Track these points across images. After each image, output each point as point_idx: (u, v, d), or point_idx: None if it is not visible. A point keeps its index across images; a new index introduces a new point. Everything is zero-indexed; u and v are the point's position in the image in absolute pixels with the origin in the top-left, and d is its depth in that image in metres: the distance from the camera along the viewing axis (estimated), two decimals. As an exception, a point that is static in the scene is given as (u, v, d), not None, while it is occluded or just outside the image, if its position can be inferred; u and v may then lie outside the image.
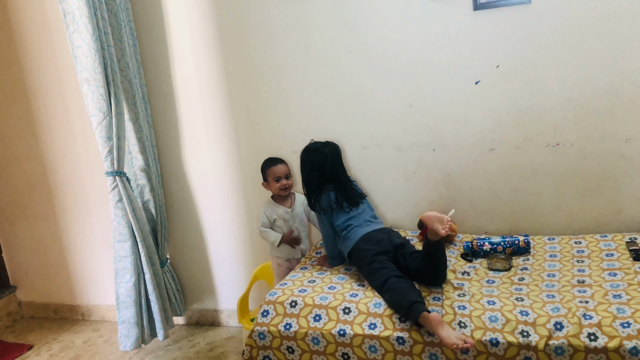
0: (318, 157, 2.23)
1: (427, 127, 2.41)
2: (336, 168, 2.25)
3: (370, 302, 1.84)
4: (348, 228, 2.14)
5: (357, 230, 2.11)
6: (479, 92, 2.31)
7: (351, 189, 2.24)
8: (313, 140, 2.32)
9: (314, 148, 2.27)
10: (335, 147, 2.30)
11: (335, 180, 2.22)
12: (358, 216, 2.16)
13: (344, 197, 2.19)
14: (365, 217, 2.17)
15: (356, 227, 2.12)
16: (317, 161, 2.22)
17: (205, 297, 2.99)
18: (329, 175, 2.22)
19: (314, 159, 2.23)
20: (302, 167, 2.27)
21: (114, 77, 2.37)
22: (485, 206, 2.43)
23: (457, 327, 1.67)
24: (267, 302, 1.92)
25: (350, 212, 2.17)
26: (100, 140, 2.39)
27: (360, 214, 2.17)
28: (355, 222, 2.14)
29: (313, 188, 2.23)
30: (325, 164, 2.21)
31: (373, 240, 2.05)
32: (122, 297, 2.53)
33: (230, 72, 2.61)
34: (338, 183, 2.22)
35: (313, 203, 2.23)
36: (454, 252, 2.25)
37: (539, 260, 2.10)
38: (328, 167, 2.22)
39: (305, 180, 2.26)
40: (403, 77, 2.39)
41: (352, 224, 2.14)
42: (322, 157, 2.22)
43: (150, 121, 2.71)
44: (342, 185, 2.22)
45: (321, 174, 2.22)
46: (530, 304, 1.71)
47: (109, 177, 2.45)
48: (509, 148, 2.34)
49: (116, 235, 2.50)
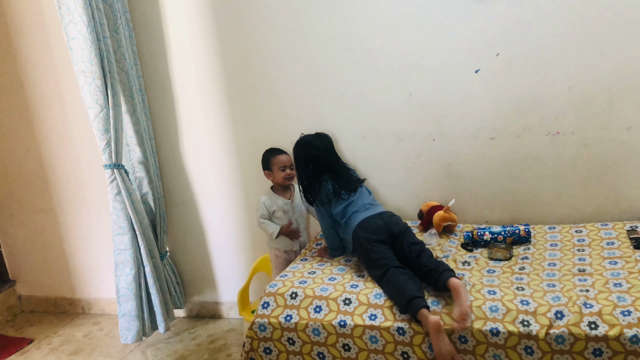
0: (311, 149, 2.24)
1: (427, 116, 2.41)
2: (330, 157, 2.26)
3: (370, 293, 1.85)
4: (347, 214, 2.14)
5: (356, 215, 2.11)
6: (479, 80, 2.31)
7: (347, 176, 2.24)
8: (303, 134, 2.33)
9: (305, 142, 2.28)
10: (326, 137, 2.32)
11: (331, 169, 2.23)
12: (356, 201, 2.16)
13: (341, 185, 2.19)
14: (364, 201, 2.17)
15: (355, 213, 2.12)
16: (311, 154, 2.23)
17: (205, 290, 3.00)
18: (324, 166, 2.23)
19: (308, 152, 2.24)
20: (297, 163, 2.29)
21: (110, 68, 2.37)
22: (485, 196, 2.43)
23: None
24: (268, 294, 1.93)
25: (349, 199, 2.17)
26: (98, 132, 2.39)
27: (358, 199, 2.17)
28: (354, 208, 2.14)
29: (310, 181, 2.23)
30: (319, 156, 2.23)
31: (370, 228, 2.04)
32: (122, 290, 2.54)
33: (228, 62, 2.60)
34: (333, 172, 2.23)
35: (311, 197, 2.24)
36: (454, 242, 2.26)
37: (540, 249, 2.10)
38: (322, 157, 2.23)
39: (301, 174, 2.27)
40: (402, 66, 2.38)
41: (351, 210, 2.14)
42: (315, 149, 2.23)
43: (147, 113, 2.71)
44: (337, 174, 2.23)
45: (316, 166, 2.23)
46: (530, 294, 1.72)
47: (107, 169, 2.45)
48: (509, 137, 2.33)
49: (115, 228, 2.51)
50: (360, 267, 2.10)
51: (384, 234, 2.01)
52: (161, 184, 2.80)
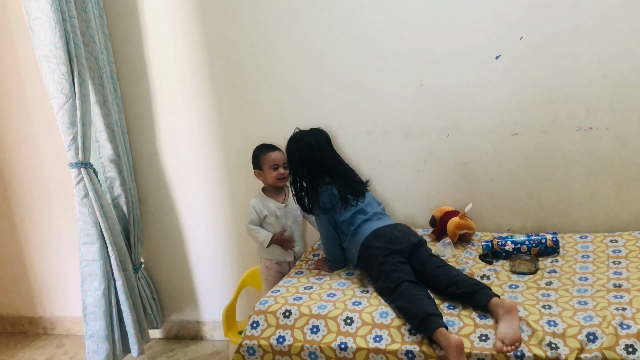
0: (303, 149, 2.23)
1: (440, 109, 2.41)
2: (327, 157, 2.25)
3: (375, 312, 1.84)
4: (356, 222, 2.14)
5: (367, 224, 2.12)
6: (500, 68, 2.31)
7: (352, 178, 2.24)
8: (298, 129, 2.33)
9: (298, 138, 2.28)
10: (322, 133, 2.31)
11: (330, 171, 2.22)
12: (366, 208, 2.17)
13: (347, 190, 2.19)
14: (374, 210, 2.18)
15: (367, 221, 2.13)
16: (304, 153, 2.23)
17: (185, 307, 2.99)
18: (321, 168, 2.22)
19: (300, 151, 2.24)
20: (290, 163, 2.29)
21: (77, 53, 2.36)
22: (507, 200, 2.44)
23: (478, 340, 1.68)
24: (257, 312, 1.93)
25: (358, 205, 2.17)
26: (63, 126, 2.38)
27: (367, 206, 2.18)
28: (365, 215, 2.15)
29: (306, 186, 2.23)
30: (313, 156, 2.22)
31: (386, 237, 2.04)
32: (89, 307, 2.54)
33: (213, 46, 2.60)
34: (334, 174, 2.22)
35: (309, 204, 2.23)
36: (471, 252, 2.26)
37: (570, 261, 2.10)
38: (317, 158, 2.22)
39: (295, 178, 2.26)
40: (412, 52, 2.38)
41: (361, 218, 2.14)
42: (308, 149, 2.22)
43: (120, 104, 2.71)
44: (340, 176, 2.22)
45: (310, 168, 2.22)
46: (559, 312, 1.72)
47: (73, 169, 2.45)
48: (534, 132, 2.34)
49: (82, 236, 2.51)
50: (364, 282, 2.09)
51: (404, 244, 2.02)
52: (135, 186, 2.80)
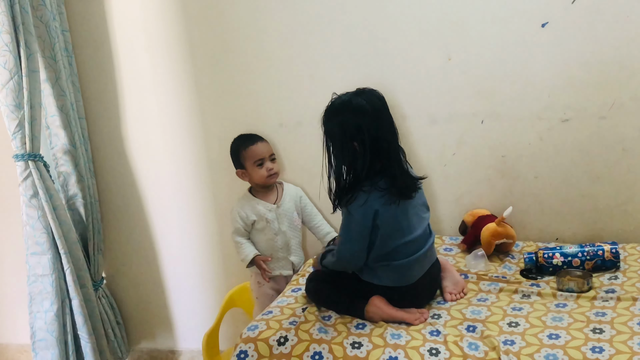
0: (350, 115, 1.91)
1: (472, 89, 2.42)
2: (384, 131, 1.94)
3: (386, 332, 1.86)
4: (397, 255, 1.96)
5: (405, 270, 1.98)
6: (546, 39, 2.32)
7: (407, 171, 2.01)
8: (336, 94, 2.02)
9: (341, 103, 1.95)
10: (376, 94, 1.98)
11: (386, 154, 1.93)
12: (418, 239, 1.99)
13: (398, 187, 1.92)
14: (425, 239, 2.02)
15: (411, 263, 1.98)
16: (354, 123, 1.90)
17: (157, 333, 3.02)
18: (377, 146, 1.91)
19: (350, 121, 1.90)
20: (333, 142, 1.97)
21: (24, 19, 2.36)
22: (555, 202, 2.45)
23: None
24: (245, 340, 1.93)
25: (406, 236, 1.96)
26: (6, 109, 2.39)
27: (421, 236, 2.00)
28: (410, 250, 1.97)
29: (358, 174, 1.93)
30: (368, 125, 1.89)
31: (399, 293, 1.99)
32: (39, 332, 2.55)
33: (192, 12, 2.60)
34: (389, 161, 1.94)
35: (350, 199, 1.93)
36: (510, 267, 2.27)
37: (633, 278, 2.10)
38: (373, 129, 1.89)
39: (337, 160, 1.97)
40: (438, 19, 2.39)
41: (403, 252, 1.96)
42: (360, 114, 1.90)
43: (76, 82, 2.72)
44: (397, 164, 1.95)
45: (364, 143, 1.89)
46: (610, 337, 1.72)
47: (19, 162, 2.46)
48: (589, 118, 2.35)
49: (30, 245, 2.52)
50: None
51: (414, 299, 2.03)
52: (95, 183, 2.82)
